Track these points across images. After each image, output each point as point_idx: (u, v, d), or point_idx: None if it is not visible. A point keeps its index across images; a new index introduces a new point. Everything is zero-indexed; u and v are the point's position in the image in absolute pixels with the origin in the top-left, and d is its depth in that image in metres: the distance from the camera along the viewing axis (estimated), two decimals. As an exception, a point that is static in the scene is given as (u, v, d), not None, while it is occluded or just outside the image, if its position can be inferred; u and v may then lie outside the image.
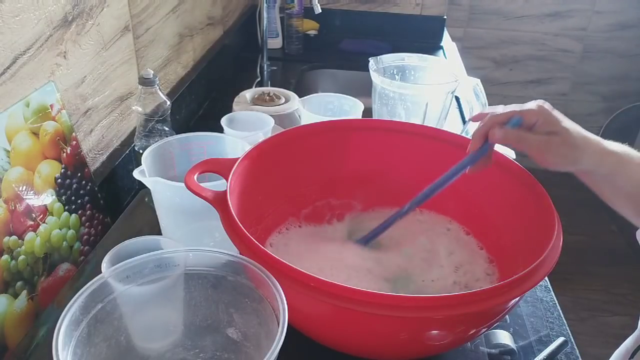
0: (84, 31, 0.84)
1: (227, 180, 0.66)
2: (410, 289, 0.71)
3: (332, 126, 0.83)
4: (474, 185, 0.77)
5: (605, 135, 0.69)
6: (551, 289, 0.79)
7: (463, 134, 0.80)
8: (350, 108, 1.02)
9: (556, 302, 0.77)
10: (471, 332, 0.59)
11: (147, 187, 0.74)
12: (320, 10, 1.47)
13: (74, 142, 0.80)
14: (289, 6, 1.64)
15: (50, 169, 0.75)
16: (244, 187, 0.69)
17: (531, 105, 0.64)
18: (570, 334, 0.71)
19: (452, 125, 1.21)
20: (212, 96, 1.40)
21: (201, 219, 0.73)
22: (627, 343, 0.80)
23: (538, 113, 0.63)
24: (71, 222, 0.79)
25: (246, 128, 0.89)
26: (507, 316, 0.72)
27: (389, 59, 1.12)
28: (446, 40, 1.83)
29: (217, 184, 0.67)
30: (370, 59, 1.08)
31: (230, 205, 0.61)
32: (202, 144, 0.81)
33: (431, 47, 1.76)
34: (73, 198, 0.79)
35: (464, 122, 1.24)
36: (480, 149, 0.66)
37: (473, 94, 1.06)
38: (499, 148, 0.68)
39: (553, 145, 0.62)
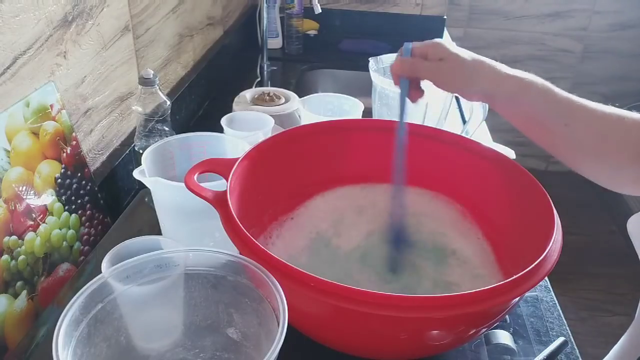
0: (84, 31, 0.84)
1: (227, 180, 0.66)
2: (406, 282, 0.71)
3: (332, 126, 0.83)
4: (472, 185, 0.77)
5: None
6: (551, 289, 0.79)
7: (463, 134, 0.80)
8: (350, 108, 1.02)
9: (556, 302, 0.77)
10: (471, 332, 0.59)
11: (147, 187, 0.74)
12: (320, 10, 1.47)
13: (74, 142, 0.80)
14: (289, 6, 1.64)
15: (50, 169, 0.75)
16: (244, 187, 0.69)
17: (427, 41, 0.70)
18: (570, 334, 0.71)
19: (452, 125, 1.21)
20: (212, 96, 1.39)
21: (201, 219, 0.73)
22: (624, 341, 0.80)
23: (429, 44, 0.69)
24: (71, 222, 0.79)
25: (246, 128, 0.89)
26: (507, 316, 0.72)
27: (389, 59, 1.12)
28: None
29: (217, 184, 0.67)
30: (370, 59, 1.08)
31: (230, 205, 0.61)
32: (202, 144, 0.81)
33: (431, 47, 1.75)
34: (73, 198, 0.79)
35: (464, 122, 1.24)
36: (400, 84, 0.71)
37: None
38: (498, 148, 0.68)
39: (443, 69, 0.68)
